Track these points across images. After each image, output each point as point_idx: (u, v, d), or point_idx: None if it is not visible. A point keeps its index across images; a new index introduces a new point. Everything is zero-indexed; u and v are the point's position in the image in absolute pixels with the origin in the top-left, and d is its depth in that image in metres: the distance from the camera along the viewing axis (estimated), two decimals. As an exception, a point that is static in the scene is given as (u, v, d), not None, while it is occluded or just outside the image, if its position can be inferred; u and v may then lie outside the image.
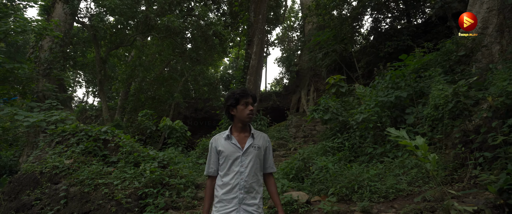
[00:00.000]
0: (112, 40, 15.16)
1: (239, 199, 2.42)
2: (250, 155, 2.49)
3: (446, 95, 4.90)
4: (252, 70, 10.01)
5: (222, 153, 2.51)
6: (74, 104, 23.74)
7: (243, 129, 2.57)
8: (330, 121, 6.81)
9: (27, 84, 12.48)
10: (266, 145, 2.61)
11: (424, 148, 3.30)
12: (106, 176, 5.40)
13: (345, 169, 5.39)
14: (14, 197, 5.42)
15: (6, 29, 9.37)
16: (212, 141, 2.63)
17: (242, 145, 2.51)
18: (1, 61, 9.08)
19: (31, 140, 13.67)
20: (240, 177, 2.45)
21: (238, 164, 2.47)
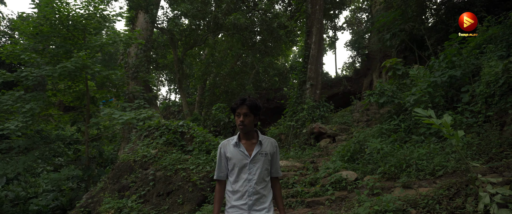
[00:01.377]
0: (187, 41, 16.74)
1: (248, 205, 2.54)
2: (258, 162, 2.59)
3: (496, 71, 4.90)
4: (313, 59, 10.47)
5: (231, 160, 2.62)
6: (159, 101, 26.49)
7: (250, 136, 2.64)
8: (385, 104, 7.04)
9: (120, 87, 14.53)
10: (273, 151, 2.70)
11: (447, 126, 3.58)
12: (183, 162, 6.49)
13: (396, 150, 5.70)
14: (116, 181, 6.83)
15: (101, 43, 11.20)
16: (220, 146, 2.73)
17: (250, 152, 2.60)
18: (99, 69, 10.92)
19: (126, 135, 15.94)
20: (249, 185, 2.55)
21: (246, 172, 2.57)
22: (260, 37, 16.89)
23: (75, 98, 13.19)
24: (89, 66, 10.62)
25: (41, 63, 11.40)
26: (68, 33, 11.57)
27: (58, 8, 10.87)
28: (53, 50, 11.28)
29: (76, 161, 14.05)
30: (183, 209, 5.60)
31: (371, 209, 3.77)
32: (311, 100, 9.96)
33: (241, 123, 2.53)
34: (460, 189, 3.79)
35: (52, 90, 13.21)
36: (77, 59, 10.12)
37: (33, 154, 13.14)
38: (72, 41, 11.92)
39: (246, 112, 2.53)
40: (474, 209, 3.34)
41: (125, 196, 6.30)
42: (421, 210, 3.62)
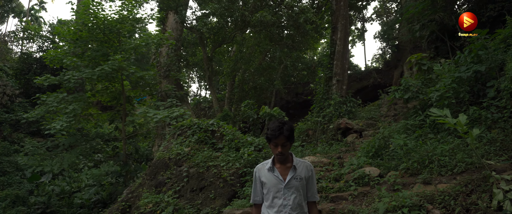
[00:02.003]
0: (215, 39, 17.25)
1: None
2: (292, 187, 2.57)
3: (520, 67, 4.95)
4: (338, 55, 10.62)
5: (265, 185, 2.64)
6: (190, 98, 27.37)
7: (285, 161, 2.64)
8: (411, 100, 7.15)
9: (152, 86, 15.24)
10: (309, 175, 2.67)
11: (461, 125, 3.76)
12: (214, 159, 6.95)
13: (420, 146, 5.85)
14: (153, 177, 7.41)
15: (135, 45, 11.89)
16: (255, 170, 2.76)
17: (284, 177, 2.59)
18: (134, 70, 11.61)
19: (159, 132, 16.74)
20: (284, 210, 2.54)
21: (281, 197, 2.56)
22: (288, 32, 17.11)
23: (112, 98, 14.01)
24: (124, 68, 11.32)
25: (81, 66, 12.24)
26: (105, 37, 12.33)
27: (95, 14, 11.61)
28: (91, 53, 12.07)
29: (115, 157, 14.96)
30: (215, 204, 6.05)
31: (389, 205, 4.03)
32: (338, 96, 10.15)
33: (280, 154, 2.53)
34: (477, 186, 3.96)
35: (91, 91, 14.09)
36: (114, 62, 10.80)
37: (76, 151, 14.11)
38: (108, 44, 12.69)
39: (284, 142, 2.51)
40: (487, 205, 3.53)
41: (161, 192, 6.85)
42: (437, 205, 3.84)
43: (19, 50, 24.63)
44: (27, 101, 20.34)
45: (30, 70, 21.51)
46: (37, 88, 20.90)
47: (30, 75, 20.90)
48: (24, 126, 20.01)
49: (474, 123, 5.89)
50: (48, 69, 20.87)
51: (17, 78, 21.14)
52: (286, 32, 17.52)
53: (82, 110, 12.76)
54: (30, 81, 21.05)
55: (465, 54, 6.60)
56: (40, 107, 12.15)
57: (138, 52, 14.13)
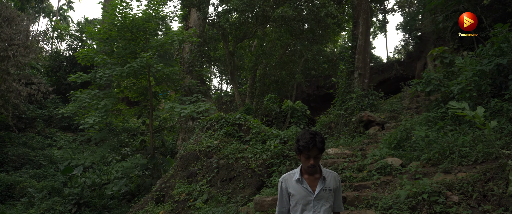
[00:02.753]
0: (237, 35, 17.65)
1: None
2: (322, 199, 2.54)
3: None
4: (360, 49, 10.83)
5: (293, 196, 2.58)
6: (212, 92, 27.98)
7: (313, 171, 2.58)
8: (432, 93, 7.35)
9: (177, 81, 15.81)
10: (336, 186, 2.64)
11: (478, 117, 4.03)
12: (242, 151, 7.38)
13: (441, 137, 6.09)
14: (185, 168, 7.92)
15: (160, 43, 12.44)
16: (281, 180, 2.69)
17: (313, 188, 2.55)
18: (161, 67, 12.17)
19: (183, 126, 17.34)
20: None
21: (311, 209, 2.52)
22: (308, 26, 17.32)
23: (139, 94, 14.66)
24: (152, 65, 11.88)
25: (110, 64, 12.88)
26: (132, 36, 12.93)
27: (124, 14, 12.20)
28: (120, 51, 12.69)
29: (142, 151, 15.67)
30: (244, 193, 6.50)
31: (410, 191, 4.35)
32: (360, 89, 10.40)
33: (312, 166, 2.48)
34: (495, 174, 4.23)
35: (119, 87, 14.77)
36: (142, 59, 11.35)
37: (106, 144, 14.85)
38: (135, 42, 13.29)
39: (317, 154, 2.47)
40: (503, 191, 3.81)
41: (193, 182, 7.35)
42: (456, 192, 4.14)
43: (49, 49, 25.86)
44: (59, 98, 21.40)
45: (60, 68, 22.56)
46: (67, 85, 21.91)
47: (60, 73, 21.95)
48: (56, 122, 21.09)
49: (495, 115, 6.08)
50: (78, 66, 21.83)
51: (48, 75, 22.23)
52: (307, 25, 17.72)
53: (112, 106, 13.43)
54: (61, 79, 22.11)
55: (487, 47, 6.75)
56: (73, 103, 12.85)
57: (164, 49, 14.71)
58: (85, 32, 17.61)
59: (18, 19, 17.42)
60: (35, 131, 20.27)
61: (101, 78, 12.00)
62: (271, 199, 5.29)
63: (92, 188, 15.88)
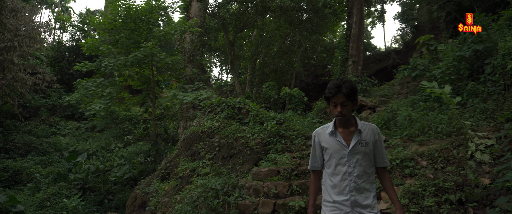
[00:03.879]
0: (237, 25, 18.28)
1: (351, 202, 2.39)
2: (358, 153, 2.42)
3: (509, 46, 5.79)
4: (354, 38, 11.51)
5: (327, 150, 2.49)
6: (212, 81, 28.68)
7: (348, 124, 2.48)
8: (418, 77, 8.03)
9: (179, 71, 16.48)
10: (375, 139, 2.50)
11: (444, 94, 4.73)
12: (242, 131, 8.10)
13: (422, 116, 6.80)
14: (188, 148, 8.65)
15: (163, 33, 13.10)
16: (314, 134, 2.61)
17: (348, 142, 2.44)
18: (164, 56, 12.84)
19: (184, 114, 18.06)
20: (349, 178, 2.40)
21: (345, 164, 2.41)
22: (307, 16, 17.94)
23: (142, 82, 15.34)
24: (155, 54, 12.55)
25: (115, 53, 13.54)
26: (136, 26, 13.59)
27: (128, 5, 12.85)
28: (124, 41, 13.34)
29: (145, 137, 16.40)
30: (243, 168, 7.24)
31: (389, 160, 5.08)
32: (353, 76, 11.09)
33: (340, 114, 2.38)
34: (460, 143, 4.95)
35: (123, 76, 15.45)
36: (146, 49, 12.02)
37: (110, 131, 15.60)
38: (138, 32, 13.94)
39: (344, 101, 2.36)
40: (462, 155, 4.54)
41: (196, 160, 8.09)
42: (425, 158, 4.86)
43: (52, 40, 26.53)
44: (62, 87, 22.13)
45: (63, 58, 23.26)
46: (70, 75, 22.63)
47: (64, 63, 22.66)
48: (60, 111, 21.86)
49: (472, 96, 6.79)
50: (81, 57, 22.54)
51: (51, 66, 22.93)
52: (306, 15, 18.34)
53: (116, 94, 14.12)
54: (64, 69, 22.82)
55: (467, 34, 7.43)
56: (79, 91, 13.53)
57: (165, 39, 15.36)
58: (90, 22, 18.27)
59: (23, 10, 18.07)
60: (40, 120, 21.04)
61: (106, 67, 12.68)
62: (266, 170, 6.03)
63: (96, 174, 16.61)
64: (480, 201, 3.75)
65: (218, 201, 5.26)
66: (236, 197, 5.39)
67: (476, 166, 4.27)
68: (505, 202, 3.28)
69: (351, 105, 2.41)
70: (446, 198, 3.92)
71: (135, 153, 16.97)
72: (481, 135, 4.53)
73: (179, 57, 14.82)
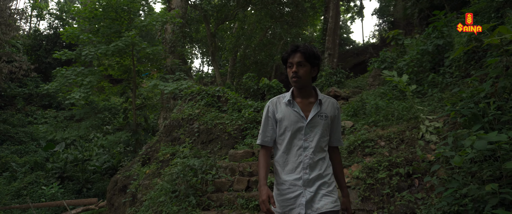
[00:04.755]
0: (218, 16, 18.70)
1: (304, 180, 2.18)
2: (316, 126, 2.23)
3: (462, 41, 6.49)
4: (330, 32, 12.17)
5: (281, 122, 2.26)
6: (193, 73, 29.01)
7: (306, 93, 2.29)
8: (387, 69, 8.71)
9: (160, 61, 16.79)
10: (335, 113, 2.34)
11: (401, 82, 5.38)
12: (220, 118, 8.62)
13: (387, 104, 7.48)
14: (169, 134, 9.12)
15: (145, 24, 13.41)
16: (269, 104, 2.37)
17: (306, 113, 2.24)
18: (145, 46, 13.17)
19: (165, 104, 18.40)
20: (304, 154, 2.20)
21: (301, 138, 2.21)
22: (288, 9, 18.52)
23: (122, 72, 15.60)
24: (136, 44, 12.86)
25: (95, 42, 13.76)
26: (117, 15, 13.84)
27: (109, -6, 13.09)
28: (105, 30, 13.57)
29: (125, 127, 16.67)
30: (221, 152, 7.77)
31: (350, 141, 5.71)
32: (329, 68, 11.75)
33: (295, 75, 2.19)
34: (414, 126, 5.62)
35: (103, 65, 15.66)
36: (127, 38, 12.32)
37: (90, 121, 15.83)
38: (119, 21, 14.20)
39: (300, 61, 2.17)
40: (415, 136, 5.20)
41: (177, 144, 8.58)
42: (384, 139, 5.51)
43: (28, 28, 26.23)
44: (39, 76, 22.05)
45: (40, 46, 23.11)
46: (47, 63, 22.54)
47: (41, 52, 22.53)
48: (37, 100, 21.81)
49: (432, 86, 7.50)
50: (59, 45, 22.46)
51: (28, 54, 22.77)
52: (286, 9, 18.92)
53: (97, 83, 14.34)
54: (41, 57, 22.71)
55: (430, 30, 8.15)
56: (58, 79, 13.68)
57: (146, 30, 15.65)
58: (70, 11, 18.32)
59: (-2, -3, 17.93)
60: (15, 109, 20.95)
61: (87, 55, 12.90)
62: (242, 151, 6.59)
63: (74, 163, 16.80)
64: (424, 173, 4.40)
65: (197, 178, 5.78)
66: (213, 175, 5.92)
67: (425, 145, 4.93)
68: (437, 169, 3.94)
69: (309, 68, 2.22)
70: (397, 171, 4.56)
71: (114, 142, 17.23)
72: (431, 119, 5.20)
73: (160, 48, 15.15)
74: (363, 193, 4.60)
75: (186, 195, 5.47)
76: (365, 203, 4.55)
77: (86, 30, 13.94)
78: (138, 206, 7.04)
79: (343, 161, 5.50)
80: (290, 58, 2.23)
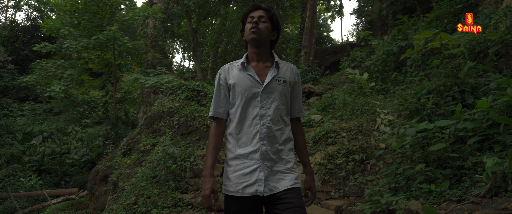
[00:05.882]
0: (200, 12, 19.24)
1: (261, 153, 1.96)
2: (274, 92, 2.02)
3: (420, 44, 7.33)
4: (307, 31, 12.93)
5: (234, 88, 2.05)
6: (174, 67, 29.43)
7: (262, 57, 2.10)
8: (356, 68, 9.52)
9: (140, 55, 17.22)
10: (294, 80, 2.15)
11: (362, 80, 6.14)
12: (200, 111, 9.25)
13: (354, 100, 8.28)
14: (150, 126, 9.69)
15: (127, 18, 13.86)
16: (220, 71, 2.16)
17: (262, 78, 2.04)
18: (126, 41, 13.62)
19: (145, 99, 18.85)
20: (261, 123, 1.99)
21: (257, 105, 2.00)
22: (268, 7, 19.20)
23: (103, 66, 15.99)
24: (118, 38, 13.31)
25: (77, 36, 14.12)
26: (99, 9, 14.24)
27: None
28: (86, 24, 13.94)
29: (105, 120, 17.03)
30: (199, 143, 8.42)
31: (317, 132, 6.46)
32: (305, 65, 12.51)
33: (255, 26, 2.01)
34: (373, 119, 6.41)
35: (83, 58, 16.01)
36: (109, 32, 12.75)
37: (69, 114, 16.15)
38: (101, 15, 14.59)
39: (262, 15, 2.05)
40: (371, 128, 5.98)
41: (157, 136, 9.17)
42: (345, 131, 6.27)
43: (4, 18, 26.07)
44: (16, 68, 22.08)
45: (17, 38, 23.10)
46: (25, 55, 22.58)
47: (18, 43, 22.54)
48: (13, 92, 21.85)
49: (394, 84, 8.34)
50: (37, 37, 22.52)
51: (4, 45, 22.75)
52: (268, 7, 19.59)
53: (77, 75, 14.70)
54: (18, 49, 22.72)
55: (395, 32, 8.98)
56: (37, 71, 13.97)
57: (128, 24, 16.08)
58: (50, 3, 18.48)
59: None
60: (-10, 101, 20.98)
61: (68, 48, 13.26)
62: (219, 141, 7.26)
63: (52, 156, 17.06)
64: (376, 159, 5.17)
65: (176, 165, 6.42)
66: (191, 162, 6.57)
67: (379, 135, 5.71)
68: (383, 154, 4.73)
69: (270, 27, 2.08)
70: (353, 158, 5.32)
71: (94, 135, 17.58)
72: (386, 112, 5.99)
73: (142, 42, 15.61)
74: (323, 177, 5.34)
75: (166, 180, 6.10)
76: (324, 185, 5.29)
77: (67, 23, 14.25)
78: (119, 192, 7.61)
79: (309, 149, 6.23)
80: (251, 13, 2.07)
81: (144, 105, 19.07)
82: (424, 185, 3.74)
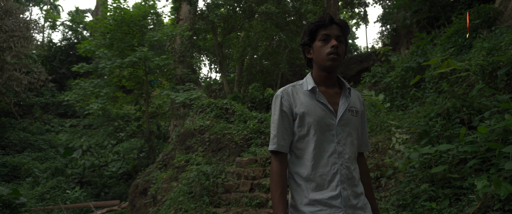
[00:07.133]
0: (225, 27, 20.17)
1: (344, 198, 1.66)
2: (348, 124, 1.74)
3: (437, 61, 7.81)
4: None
5: (304, 118, 1.71)
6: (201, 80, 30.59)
7: (331, 82, 1.78)
8: (377, 83, 10.03)
9: (169, 71, 18.27)
10: (362, 109, 1.87)
11: (377, 101, 6.72)
12: (228, 129, 10.05)
13: (374, 116, 8.81)
14: (183, 143, 10.58)
15: (159, 38, 14.91)
16: (281, 95, 1.78)
17: (334, 107, 1.73)
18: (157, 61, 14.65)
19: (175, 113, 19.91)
20: (340, 162, 1.68)
21: (333, 140, 1.69)
22: (292, 18, 19.87)
23: (135, 83, 17.14)
24: (149, 58, 14.37)
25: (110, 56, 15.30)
26: (130, 30, 15.39)
27: (124, 10, 14.63)
28: (119, 45, 15.08)
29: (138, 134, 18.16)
30: (229, 159, 9.20)
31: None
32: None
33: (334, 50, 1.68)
34: (389, 137, 6.97)
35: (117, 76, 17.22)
36: (140, 53, 13.80)
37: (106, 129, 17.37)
38: (132, 35, 15.75)
39: (339, 35, 1.72)
40: (387, 146, 6.55)
41: (190, 152, 10.03)
42: (363, 148, 6.86)
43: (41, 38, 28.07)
44: (54, 86, 23.80)
45: (55, 57, 24.89)
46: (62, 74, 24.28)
47: (55, 62, 24.30)
48: (53, 108, 23.55)
49: (413, 101, 8.82)
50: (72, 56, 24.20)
51: (43, 64, 24.57)
52: (291, 18, 20.26)
53: (112, 93, 15.88)
54: (55, 68, 24.48)
55: (414, 48, 9.46)
56: (77, 90, 15.23)
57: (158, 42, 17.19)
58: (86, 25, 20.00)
59: (18, 12, 19.65)
60: (33, 117, 22.71)
61: (104, 68, 14.45)
62: (247, 159, 8.00)
63: (91, 169, 18.37)
64: (389, 177, 5.74)
65: (209, 182, 7.21)
66: (222, 179, 7.34)
67: (394, 154, 6.28)
68: (393, 173, 5.32)
69: (344, 47, 1.78)
70: (369, 175, 5.92)
71: (129, 149, 18.75)
72: (400, 131, 6.55)
73: (171, 60, 16.65)
74: (342, 193, 5.96)
75: (201, 195, 6.89)
76: (343, 200, 5.91)
77: (101, 44, 15.45)
78: (159, 206, 8.49)
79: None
80: (326, 29, 1.71)
81: (174, 118, 20.17)
82: (427, 203, 4.32)
